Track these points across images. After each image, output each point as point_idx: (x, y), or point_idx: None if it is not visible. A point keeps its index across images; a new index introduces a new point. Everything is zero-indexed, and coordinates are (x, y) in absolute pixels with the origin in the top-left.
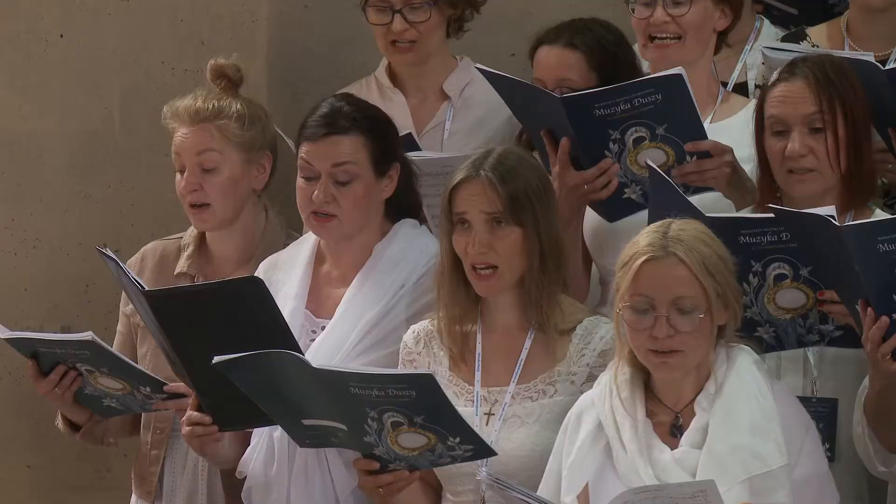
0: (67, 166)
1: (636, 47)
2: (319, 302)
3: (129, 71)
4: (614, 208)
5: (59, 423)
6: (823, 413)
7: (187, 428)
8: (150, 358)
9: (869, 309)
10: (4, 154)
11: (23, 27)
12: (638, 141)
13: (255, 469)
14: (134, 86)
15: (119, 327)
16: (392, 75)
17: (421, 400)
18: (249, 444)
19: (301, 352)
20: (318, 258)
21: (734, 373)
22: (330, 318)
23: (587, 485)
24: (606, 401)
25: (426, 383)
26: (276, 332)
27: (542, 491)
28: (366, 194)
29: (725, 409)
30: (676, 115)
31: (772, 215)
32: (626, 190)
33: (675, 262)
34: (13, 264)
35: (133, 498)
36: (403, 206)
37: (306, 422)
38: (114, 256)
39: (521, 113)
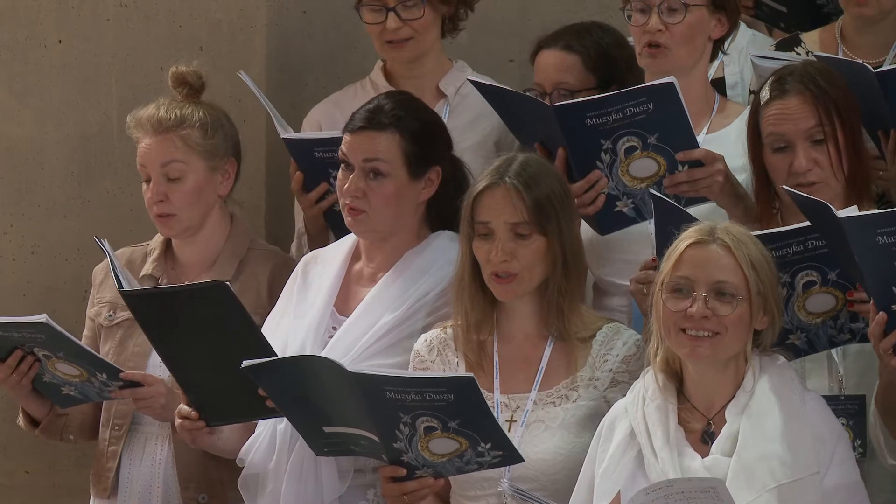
0: (66, 171)
1: None
2: (346, 299)
3: (127, 76)
4: (605, 221)
5: (20, 419)
6: (853, 410)
7: (178, 421)
8: (111, 356)
9: (871, 302)
10: (3, 159)
11: (21, 32)
12: (629, 151)
13: (254, 459)
14: (132, 91)
15: (85, 331)
16: (388, 76)
17: (459, 403)
18: (253, 433)
19: (275, 353)
20: (355, 255)
21: (766, 380)
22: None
23: (619, 492)
24: (639, 409)
25: (467, 386)
26: (246, 334)
27: (576, 499)
28: (396, 194)
29: (756, 417)
30: (668, 125)
31: (794, 227)
32: (617, 203)
33: (721, 248)
34: (11, 269)
35: (91, 499)
36: (446, 212)
37: (328, 429)
38: (108, 250)
39: (514, 125)
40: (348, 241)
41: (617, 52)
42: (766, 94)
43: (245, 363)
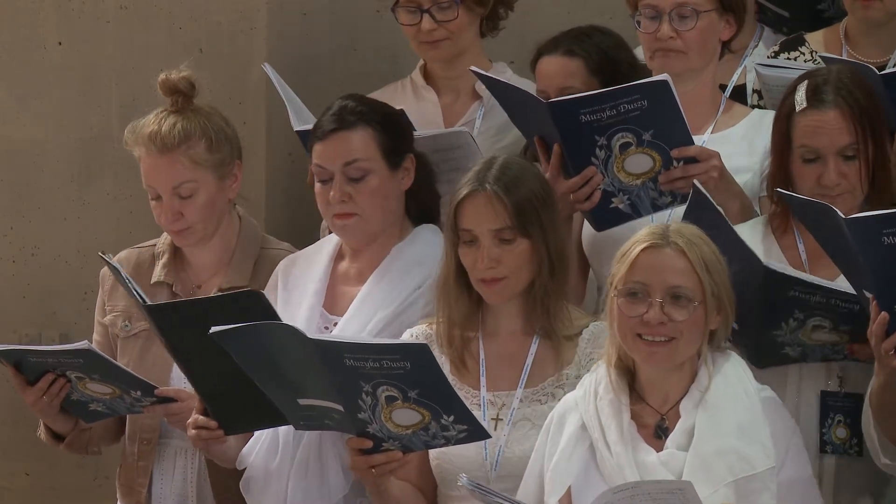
0: (66, 174)
1: (637, 51)
2: (334, 299)
3: (127, 79)
4: (601, 218)
5: (42, 433)
6: (851, 407)
7: (193, 431)
8: (130, 368)
9: (873, 303)
10: (3, 162)
11: (21, 34)
12: (624, 147)
13: (256, 460)
14: (132, 94)
15: (95, 336)
16: (426, 76)
17: (416, 372)
18: (251, 438)
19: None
20: (338, 255)
21: (721, 375)
22: (343, 316)
23: (570, 487)
24: (591, 402)
25: (421, 354)
26: None
27: (523, 493)
28: (381, 187)
29: (712, 412)
30: (663, 121)
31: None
32: (612, 199)
33: (675, 251)
34: (11, 272)
35: None
36: (423, 204)
37: (302, 401)
38: (116, 265)
39: (516, 118)
40: (330, 241)
41: (618, 55)
42: (801, 101)
43: (213, 330)
